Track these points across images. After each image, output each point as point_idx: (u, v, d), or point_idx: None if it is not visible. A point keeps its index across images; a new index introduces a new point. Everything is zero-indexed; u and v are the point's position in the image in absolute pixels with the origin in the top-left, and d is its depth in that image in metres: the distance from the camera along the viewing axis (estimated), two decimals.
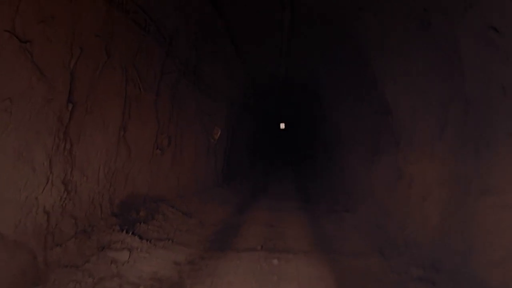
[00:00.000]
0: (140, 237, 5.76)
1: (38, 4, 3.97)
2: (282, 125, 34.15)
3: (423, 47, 6.11)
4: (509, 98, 3.98)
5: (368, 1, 7.58)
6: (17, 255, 3.86)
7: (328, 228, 8.49)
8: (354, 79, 11.55)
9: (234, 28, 10.88)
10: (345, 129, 13.67)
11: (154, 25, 6.81)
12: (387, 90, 7.91)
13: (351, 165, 12.44)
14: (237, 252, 6.23)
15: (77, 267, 4.49)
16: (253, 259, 5.85)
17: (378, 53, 8.21)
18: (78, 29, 4.66)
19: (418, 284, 4.82)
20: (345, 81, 12.78)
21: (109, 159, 5.99)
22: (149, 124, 7.45)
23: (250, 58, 13.98)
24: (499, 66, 4.12)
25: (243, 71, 15.13)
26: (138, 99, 6.77)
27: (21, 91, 3.85)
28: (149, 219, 7.11)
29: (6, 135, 3.70)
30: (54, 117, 4.37)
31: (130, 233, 5.66)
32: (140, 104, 6.90)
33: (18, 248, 3.89)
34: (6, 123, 3.69)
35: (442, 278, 4.73)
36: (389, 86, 7.76)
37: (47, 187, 4.36)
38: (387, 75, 7.87)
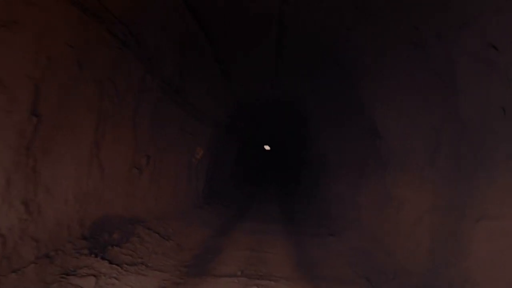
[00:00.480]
0: (110, 262, 5.34)
1: None
2: (267, 147, 33.98)
3: (414, 68, 5.92)
4: (509, 119, 3.74)
5: (356, 20, 7.40)
6: None
7: (312, 253, 8.13)
8: (342, 102, 11.38)
9: (220, 48, 10.70)
10: (332, 152, 13.46)
11: (133, 39, 6.51)
12: (376, 113, 7.69)
13: (337, 188, 12.17)
14: (215, 278, 5.84)
15: None
16: (231, 286, 5.47)
17: (367, 75, 8.03)
18: (46, 37, 4.33)
19: None
20: (332, 103, 12.62)
21: (80, 178, 5.60)
22: (126, 142, 7.09)
23: (236, 78, 13.78)
24: (498, 86, 3.90)
25: (228, 91, 14.90)
26: (114, 115, 6.42)
27: None
28: (123, 242, 6.70)
29: None
30: (14, 130, 4.00)
31: (99, 257, 5.26)
32: (117, 121, 6.55)
33: None
34: None
35: None
36: (378, 109, 7.55)
37: (3, 208, 3.96)
38: (376, 98, 7.67)
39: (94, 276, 4.71)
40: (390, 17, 6.18)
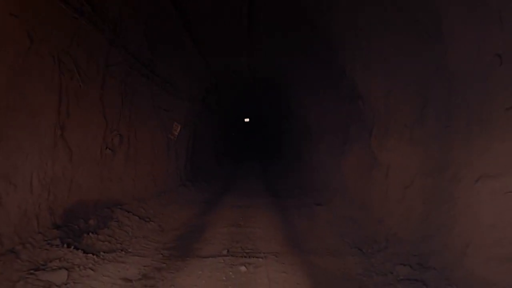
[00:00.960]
0: (85, 251, 4.92)
1: None
2: (247, 120, 33.59)
3: (398, 21, 5.50)
4: (507, 67, 3.38)
5: None
6: None
7: (300, 225, 7.87)
8: (321, 67, 10.97)
9: (190, 17, 10.12)
10: (313, 121, 13.14)
11: (90, 8, 5.92)
12: (356, 74, 7.33)
13: (321, 157, 11.89)
14: (200, 259, 5.50)
15: None
16: (217, 267, 5.14)
17: (347, 36, 7.60)
18: None
19: (407, 285, 4.22)
20: (311, 71, 12.20)
21: (44, 164, 5.12)
22: (95, 122, 6.61)
23: (210, 50, 13.19)
24: (491, 31, 3.53)
25: (203, 64, 14.34)
26: (78, 93, 5.91)
27: None
28: (100, 228, 6.30)
29: None
30: None
31: (73, 247, 4.83)
32: (82, 100, 6.04)
33: None
34: None
35: (434, 277, 4.14)
36: (359, 69, 7.18)
37: None
38: (357, 59, 7.28)
39: (66, 269, 4.30)
40: None
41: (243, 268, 5.03)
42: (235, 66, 14.96)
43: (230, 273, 4.91)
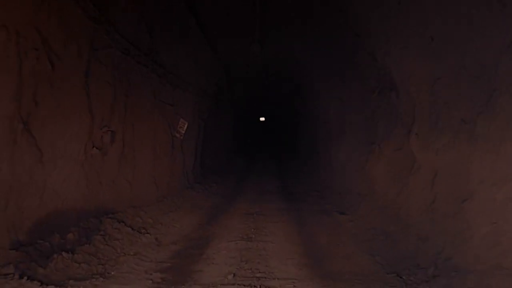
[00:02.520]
0: (43, 282, 3.78)
1: None
2: (262, 118, 32.57)
3: None
4: None
5: None
6: None
7: (320, 239, 6.68)
8: (342, 58, 9.78)
9: (198, 4, 9.09)
10: (332, 117, 11.93)
11: None
12: (392, 60, 6.09)
13: (341, 157, 10.68)
14: None
15: None
16: None
17: (378, 14, 6.37)
18: None
19: None
20: (330, 62, 11.01)
21: None
22: (76, 115, 5.50)
23: (221, 42, 12.11)
24: None
25: (213, 57, 13.23)
26: (52, 79, 4.81)
27: None
28: (81, 244, 5.21)
29: None
30: None
31: (26, 278, 3.68)
32: (57, 87, 4.94)
33: None
34: None
35: None
36: (396, 54, 5.94)
37: None
38: (391, 40, 6.05)
39: None
40: None
41: None
42: (247, 58, 13.80)
43: None
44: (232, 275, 4.75)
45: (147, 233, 6.55)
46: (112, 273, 4.68)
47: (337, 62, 10.26)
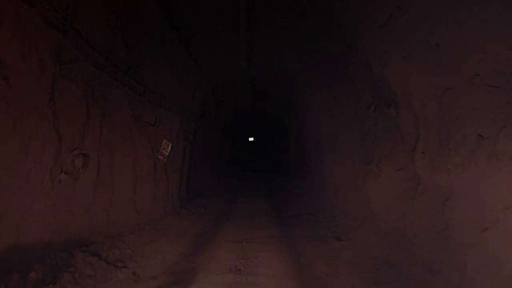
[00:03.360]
0: None
1: None
2: (251, 138, 32.05)
3: None
4: None
5: None
6: None
7: (318, 270, 6.02)
8: (333, 72, 9.27)
9: (184, 27, 8.60)
10: (325, 135, 11.38)
11: None
12: (391, 71, 5.56)
13: (335, 178, 10.09)
14: None
15: None
16: None
17: (373, 20, 5.87)
18: None
19: None
20: (321, 77, 10.50)
21: None
22: (39, 137, 4.85)
23: (207, 59, 11.56)
24: None
25: (199, 75, 12.66)
26: (7, 96, 4.18)
27: None
28: (46, 283, 4.58)
29: None
30: None
31: None
32: (15, 105, 4.31)
33: None
34: None
35: None
36: (395, 63, 5.42)
37: None
38: (389, 49, 5.53)
39: None
40: None
41: None
42: (234, 74, 13.28)
43: None
44: None
45: (124, 266, 5.85)
46: None
47: (327, 76, 9.76)
